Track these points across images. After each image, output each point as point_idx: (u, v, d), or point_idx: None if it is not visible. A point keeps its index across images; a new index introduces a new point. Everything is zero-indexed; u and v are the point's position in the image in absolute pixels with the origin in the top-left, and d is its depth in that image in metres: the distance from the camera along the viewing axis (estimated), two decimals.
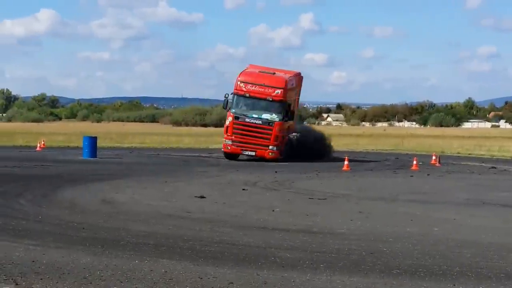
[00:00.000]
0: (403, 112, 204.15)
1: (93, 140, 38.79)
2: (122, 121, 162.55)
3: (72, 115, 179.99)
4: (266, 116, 38.01)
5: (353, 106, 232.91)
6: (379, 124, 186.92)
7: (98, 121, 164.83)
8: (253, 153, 38.05)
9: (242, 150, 38.36)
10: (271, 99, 37.89)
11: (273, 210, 17.60)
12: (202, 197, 19.88)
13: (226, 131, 38.53)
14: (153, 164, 34.64)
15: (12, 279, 9.74)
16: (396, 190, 23.82)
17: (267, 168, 32.70)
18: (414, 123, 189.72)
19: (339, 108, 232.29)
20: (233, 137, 38.06)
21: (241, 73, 39.33)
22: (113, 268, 10.49)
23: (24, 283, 9.57)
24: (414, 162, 35.37)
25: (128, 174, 27.74)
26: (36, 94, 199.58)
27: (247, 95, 38.23)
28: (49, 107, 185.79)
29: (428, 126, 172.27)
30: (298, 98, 43.58)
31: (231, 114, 38.31)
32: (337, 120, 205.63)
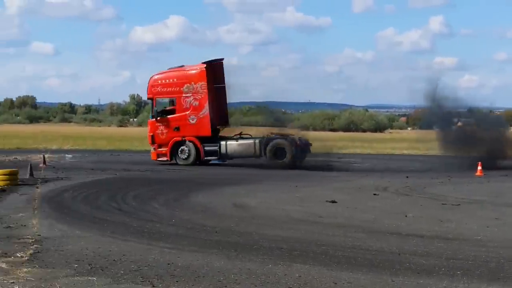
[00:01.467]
0: None
1: None
2: (251, 125, 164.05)
3: None
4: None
5: (485, 110, 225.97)
6: None
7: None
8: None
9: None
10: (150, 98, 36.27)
11: (405, 216, 17.32)
12: (333, 202, 19.77)
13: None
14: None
15: (149, 281, 9.92)
16: None
17: (398, 173, 32.24)
18: None
19: (470, 112, 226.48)
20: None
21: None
22: (247, 272, 10.54)
23: (160, 285, 9.73)
24: None
25: (259, 178, 27.87)
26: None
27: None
28: None
29: None
30: (206, 91, 35.61)
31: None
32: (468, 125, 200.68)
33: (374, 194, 22.21)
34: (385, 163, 40.46)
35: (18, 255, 11.55)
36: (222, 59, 37.46)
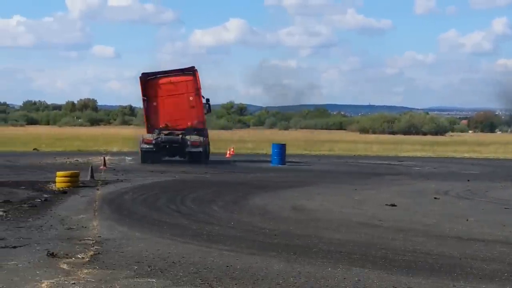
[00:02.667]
0: None
1: (281, 147, 39.21)
2: (310, 128, 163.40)
3: (260, 123, 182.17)
4: None
5: None
6: None
7: (286, 128, 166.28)
8: None
9: None
10: None
11: (467, 220, 17.09)
12: (393, 205, 19.60)
13: None
14: (342, 171, 34.54)
15: (208, 283, 9.92)
16: None
17: (458, 176, 31.86)
18: None
19: None
20: None
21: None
22: (306, 275, 10.48)
23: None
24: None
25: (318, 181, 27.80)
26: (225, 102, 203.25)
27: None
28: (237, 115, 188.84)
29: None
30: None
31: None
32: None
33: (435, 198, 21.98)
34: (446, 166, 40.05)
35: (79, 256, 11.66)
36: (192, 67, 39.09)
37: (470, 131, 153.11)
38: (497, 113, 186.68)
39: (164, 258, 11.56)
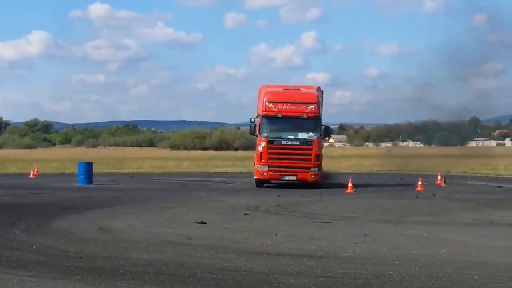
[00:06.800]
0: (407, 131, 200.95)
1: (88, 166, 38.24)
2: (119, 145, 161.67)
3: (67, 141, 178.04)
4: (302, 135, 35.02)
5: (356, 126, 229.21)
6: (383, 144, 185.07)
7: (94, 146, 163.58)
8: (294, 177, 34.76)
9: (281, 175, 34.95)
10: (305, 116, 34.88)
11: (276, 235, 17.17)
12: (203, 222, 19.44)
13: (261, 158, 34.87)
14: (152, 189, 34.18)
15: None
16: (402, 212, 23.39)
17: (269, 192, 32.25)
18: (418, 142, 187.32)
19: (342, 128, 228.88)
20: (269, 162, 34.64)
21: (266, 93, 35.89)
22: None
23: None
24: (419, 183, 34.90)
25: (126, 200, 27.31)
26: (28, 120, 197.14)
27: (280, 115, 35.03)
28: (42, 133, 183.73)
29: (433, 146, 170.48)
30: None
31: (263, 138, 34.90)
32: (339, 141, 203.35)
33: (245, 214, 22.03)
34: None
35: None
36: None
37: None
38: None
39: None
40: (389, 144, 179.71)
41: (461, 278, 11.87)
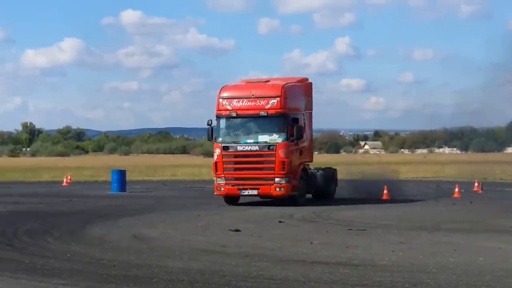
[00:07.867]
0: (443, 137, 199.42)
1: (121, 174, 38.39)
2: (152, 153, 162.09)
3: (99, 148, 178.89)
4: (263, 138, 28.22)
5: (392, 133, 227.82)
6: (419, 151, 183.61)
7: (126, 153, 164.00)
8: (255, 192, 28.21)
9: (239, 189, 28.32)
10: (265, 114, 28.04)
11: (311, 243, 16.99)
12: (237, 230, 19.30)
13: (216, 169, 28.46)
14: (185, 197, 34.16)
15: None
16: (438, 219, 23.08)
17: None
18: (455, 148, 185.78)
19: (377, 135, 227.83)
20: (225, 174, 28.24)
21: (222, 88, 29.54)
22: None
23: None
24: (456, 190, 34.48)
25: (159, 208, 27.31)
26: (61, 127, 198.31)
27: (234, 114, 28.48)
28: (75, 140, 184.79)
29: (469, 152, 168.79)
30: (311, 113, 31.46)
31: (218, 144, 28.40)
32: (374, 148, 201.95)
33: (280, 222, 21.87)
34: None
35: None
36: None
37: (315, 152, 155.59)
38: (341, 133, 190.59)
39: None
40: (424, 151, 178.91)
41: (500, 287, 11.68)
